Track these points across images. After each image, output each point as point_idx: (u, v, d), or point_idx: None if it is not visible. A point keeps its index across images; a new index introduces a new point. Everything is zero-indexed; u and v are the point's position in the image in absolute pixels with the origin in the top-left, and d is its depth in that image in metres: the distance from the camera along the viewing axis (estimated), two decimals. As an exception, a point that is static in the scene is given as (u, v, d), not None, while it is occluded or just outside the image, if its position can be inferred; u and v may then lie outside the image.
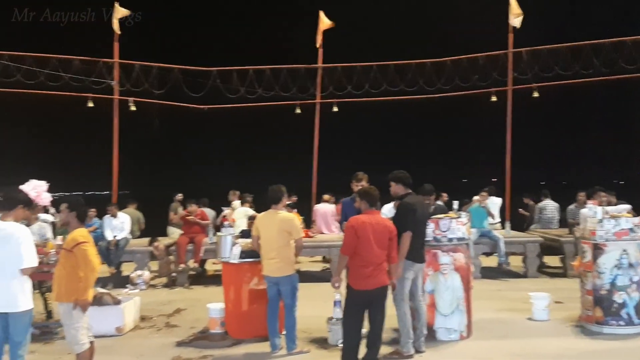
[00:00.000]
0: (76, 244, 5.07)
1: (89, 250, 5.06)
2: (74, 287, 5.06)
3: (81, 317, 5.12)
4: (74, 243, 5.09)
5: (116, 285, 10.62)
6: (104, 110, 14.80)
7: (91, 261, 5.06)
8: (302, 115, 15.68)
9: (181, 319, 8.32)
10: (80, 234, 5.17)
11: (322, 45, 15.16)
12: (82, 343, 5.13)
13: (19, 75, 13.61)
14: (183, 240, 11.27)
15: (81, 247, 5.04)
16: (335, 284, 5.83)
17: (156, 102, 14.91)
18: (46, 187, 10.44)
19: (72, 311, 5.08)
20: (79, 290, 5.08)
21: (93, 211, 11.88)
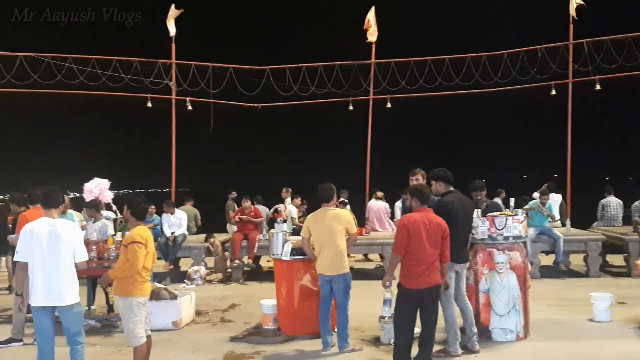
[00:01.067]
0: (132, 241, 5.24)
1: (139, 251, 5.19)
2: (132, 282, 5.23)
3: (139, 312, 5.28)
4: (130, 240, 5.26)
5: (174, 281, 10.91)
6: (163, 110, 15.21)
7: (132, 259, 5.18)
8: (355, 112, 15.62)
9: (235, 314, 8.46)
10: (138, 232, 5.31)
11: (374, 41, 15.05)
12: (139, 337, 5.29)
13: (82, 77, 14.14)
14: (237, 237, 11.46)
15: (134, 246, 5.20)
16: (386, 284, 5.78)
17: (211, 101, 15.19)
18: (108, 184, 10.85)
19: (130, 306, 5.25)
20: (115, 271, 5.32)
21: (152, 208, 12.22)
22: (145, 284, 5.34)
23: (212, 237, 11.81)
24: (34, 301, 5.13)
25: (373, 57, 15.20)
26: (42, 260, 5.10)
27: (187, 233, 11.95)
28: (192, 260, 11.66)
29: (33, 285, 5.11)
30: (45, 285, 5.09)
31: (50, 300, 5.13)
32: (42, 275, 5.09)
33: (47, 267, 5.11)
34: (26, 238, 5.14)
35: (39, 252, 5.10)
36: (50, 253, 5.12)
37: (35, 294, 5.11)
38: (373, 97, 15.32)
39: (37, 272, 5.10)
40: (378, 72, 15.13)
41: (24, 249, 5.13)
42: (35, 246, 5.10)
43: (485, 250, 6.77)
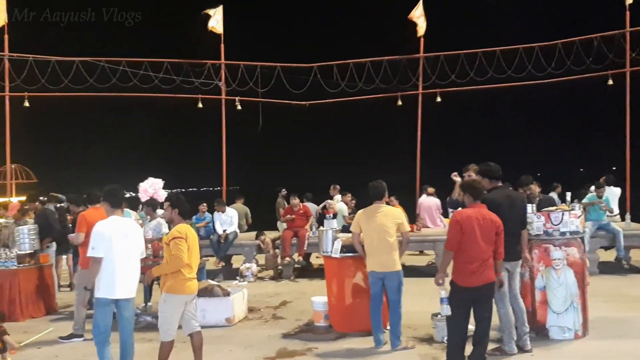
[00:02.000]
0: (172, 238, 5.35)
1: (181, 245, 5.28)
2: (176, 279, 5.36)
3: (176, 309, 5.40)
4: (171, 237, 5.38)
5: (226, 278, 11.09)
6: (213, 110, 15.47)
7: (176, 254, 5.27)
8: (404, 107, 15.49)
9: (287, 311, 8.52)
10: (179, 229, 5.41)
11: (422, 34, 14.87)
12: (170, 333, 5.40)
13: (135, 80, 14.54)
14: (288, 234, 11.54)
15: (175, 241, 5.30)
16: (439, 281, 5.70)
17: (260, 100, 15.35)
18: (162, 184, 11.13)
19: (170, 302, 5.38)
20: (162, 267, 5.45)
21: (204, 206, 12.45)
22: (189, 282, 5.42)
23: (263, 234, 11.94)
24: (108, 294, 5.31)
25: (422, 51, 15.03)
26: (116, 256, 5.31)
27: (238, 231, 12.11)
28: (243, 258, 11.82)
29: (106, 280, 5.30)
30: (119, 279, 5.31)
31: (123, 293, 5.35)
32: (116, 270, 5.30)
33: (119, 263, 5.32)
34: (99, 235, 5.32)
35: (112, 249, 5.29)
36: (121, 249, 5.34)
37: (109, 287, 5.31)
38: (422, 92, 15.15)
39: (110, 267, 5.29)
40: (427, 66, 14.94)
41: (99, 244, 5.29)
42: (108, 242, 5.29)
43: (541, 247, 6.58)
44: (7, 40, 14.35)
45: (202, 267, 8.70)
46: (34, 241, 9.09)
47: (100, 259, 5.29)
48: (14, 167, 15.87)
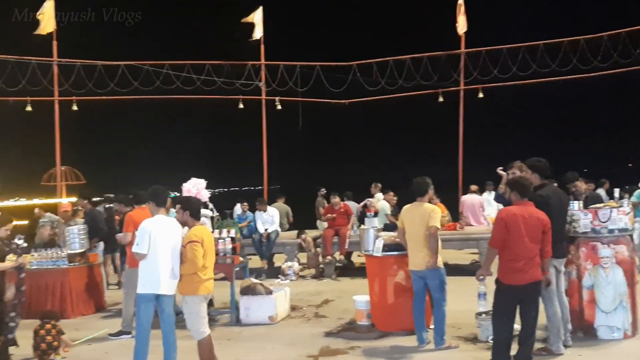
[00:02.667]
0: (188, 241, 5.46)
1: (196, 250, 5.38)
2: (193, 281, 5.48)
3: (199, 308, 5.51)
4: (188, 240, 5.49)
5: (269, 276, 11.19)
6: (253, 110, 15.65)
7: (191, 259, 5.39)
8: (445, 104, 15.34)
9: (329, 310, 8.55)
10: (194, 232, 5.53)
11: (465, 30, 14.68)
12: (202, 331, 5.53)
13: (178, 83, 14.83)
14: (329, 233, 11.57)
15: (191, 245, 5.41)
16: (480, 277, 5.64)
17: (300, 99, 15.43)
18: (204, 184, 11.30)
19: (192, 303, 5.49)
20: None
21: (245, 205, 12.60)
22: (206, 283, 5.54)
23: (304, 233, 12.01)
24: (151, 289, 5.45)
25: (463, 47, 14.83)
26: (159, 253, 5.43)
27: (279, 230, 12.21)
28: (285, 257, 11.91)
29: (149, 276, 5.44)
30: (162, 276, 5.43)
31: (165, 289, 5.47)
32: (159, 267, 5.43)
33: (162, 259, 5.46)
34: (144, 232, 5.45)
35: (156, 246, 5.42)
36: (166, 247, 5.47)
37: (153, 283, 5.44)
38: (464, 88, 14.95)
39: (154, 263, 5.43)
40: (469, 62, 14.74)
41: (144, 242, 5.41)
42: (152, 240, 5.42)
43: (589, 244, 6.42)
44: (56, 46, 14.85)
45: (245, 266, 8.81)
46: (84, 241, 9.37)
47: (144, 255, 5.42)
48: (64, 169, 16.38)
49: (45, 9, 14.56)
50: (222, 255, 7.90)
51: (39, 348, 6.42)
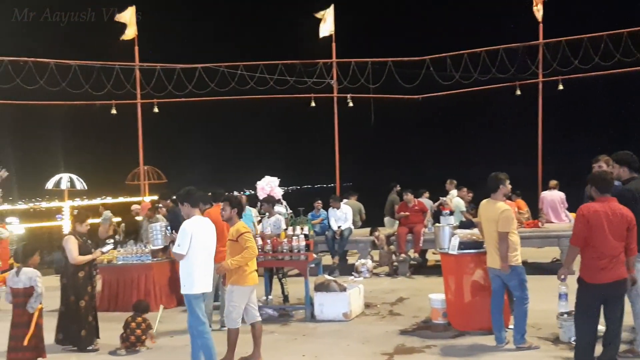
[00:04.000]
0: (240, 234, 5.85)
1: (250, 239, 5.86)
2: (241, 272, 5.82)
3: (240, 299, 5.86)
4: (237, 234, 5.87)
5: (342, 273, 11.23)
6: (325, 108, 15.74)
7: (250, 246, 5.81)
8: (523, 97, 14.83)
9: (404, 308, 8.48)
10: (242, 225, 6.01)
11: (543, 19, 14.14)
12: (235, 320, 5.85)
13: (252, 83, 15.14)
14: (402, 231, 11.47)
15: (244, 236, 5.84)
16: (562, 277, 5.42)
17: (371, 96, 15.38)
18: (278, 182, 11.49)
19: (235, 292, 5.86)
20: (238, 260, 5.82)
21: (319, 203, 12.69)
22: (252, 274, 5.92)
23: (377, 230, 11.95)
24: (198, 289, 5.62)
25: (541, 37, 14.29)
26: (199, 254, 5.61)
27: (352, 227, 12.21)
28: (358, 254, 11.90)
29: (195, 275, 5.60)
30: (199, 275, 5.62)
31: (203, 288, 5.67)
32: (196, 266, 5.60)
33: (205, 259, 5.67)
34: (186, 234, 5.55)
35: (196, 247, 5.58)
36: (205, 247, 5.67)
37: (197, 283, 5.61)
38: (543, 80, 14.40)
39: (198, 263, 5.61)
40: (547, 53, 14.19)
41: (185, 243, 5.56)
42: (194, 241, 5.57)
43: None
44: (137, 51, 15.52)
45: (319, 262, 8.89)
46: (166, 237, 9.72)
47: (182, 256, 5.56)
48: (147, 168, 17.11)
49: (126, 15, 15.25)
50: (296, 252, 8.00)
51: (128, 340, 6.75)
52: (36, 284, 5.59)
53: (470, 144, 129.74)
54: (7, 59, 14.07)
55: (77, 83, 14.57)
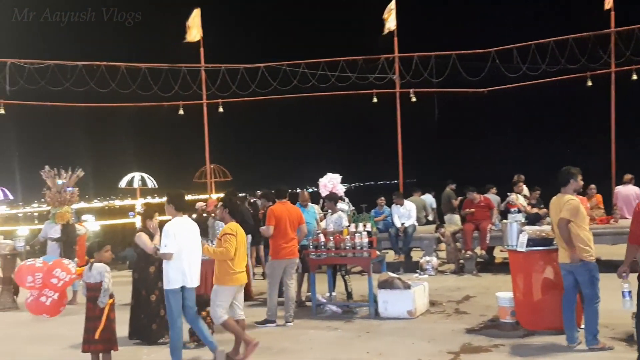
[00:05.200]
0: (224, 234, 6.10)
1: (230, 241, 6.04)
2: (225, 272, 6.08)
3: (223, 298, 6.10)
4: (223, 233, 6.12)
5: (406, 271, 11.13)
6: (387, 104, 15.65)
7: (226, 247, 6.01)
8: (595, 88, 14.23)
9: (470, 306, 8.32)
10: (231, 227, 6.21)
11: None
12: (220, 317, 6.07)
13: (313, 80, 15.23)
14: (469, 227, 11.24)
15: (225, 237, 6.06)
16: (623, 274, 5.18)
17: (435, 90, 15.16)
18: (340, 179, 11.52)
19: (218, 291, 6.11)
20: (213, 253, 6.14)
21: (382, 200, 12.62)
22: (236, 275, 6.11)
23: (443, 227, 11.78)
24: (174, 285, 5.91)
25: (612, 25, 13.65)
26: (184, 252, 5.91)
27: (416, 224, 12.07)
28: (422, 251, 11.76)
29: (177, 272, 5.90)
30: (186, 271, 5.94)
31: (188, 282, 5.99)
32: (185, 263, 5.92)
33: (187, 257, 5.94)
34: (169, 235, 5.88)
35: (181, 245, 5.90)
36: (187, 246, 5.95)
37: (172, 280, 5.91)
38: (615, 70, 13.76)
39: (179, 261, 5.90)
40: (619, 42, 13.54)
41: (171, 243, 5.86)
42: (178, 240, 5.88)
43: None
44: (203, 53, 15.93)
45: (382, 260, 8.84)
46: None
47: (171, 255, 5.84)
48: (213, 167, 17.56)
49: (193, 18, 15.68)
50: (359, 249, 7.99)
51: (195, 334, 6.93)
52: (104, 279, 5.77)
53: (540, 137, 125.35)
54: (81, 63, 14.74)
55: (146, 85, 15.13)
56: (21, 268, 5.58)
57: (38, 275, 5.53)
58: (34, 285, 5.55)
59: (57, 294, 5.56)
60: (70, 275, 5.51)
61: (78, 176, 10.65)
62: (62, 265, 5.51)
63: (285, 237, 7.75)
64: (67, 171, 10.52)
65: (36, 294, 5.51)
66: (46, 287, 5.54)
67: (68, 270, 5.51)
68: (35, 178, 11.22)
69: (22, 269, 5.57)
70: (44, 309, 5.57)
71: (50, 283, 5.49)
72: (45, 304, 5.54)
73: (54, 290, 5.53)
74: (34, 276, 5.55)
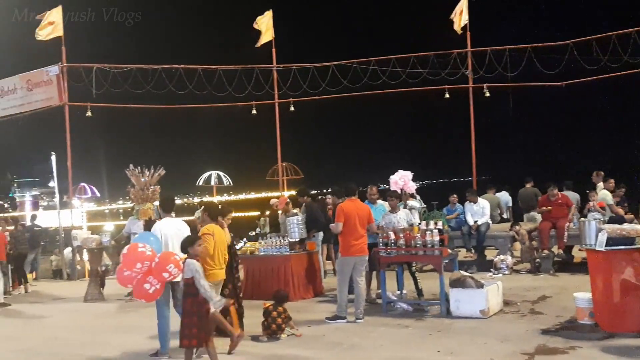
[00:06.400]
0: (202, 234, 6.55)
1: (208, 240, 6.50)
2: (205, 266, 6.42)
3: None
4: (201, 234, 6.58)
5: (480, 269, 10.92)
6: (460, 99, 15.38)
7: (205, 246, 6.33)
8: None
9: (546, 307, 8.08)
10: (208, 228, 6.71)
11: None
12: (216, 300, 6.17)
13: (384, 77, 15.20)
14: (545, 226, 10.89)
15: (205, 236, 6.50)
16: None
17: (510, 85, 14.76)
18: (411, 176, 11.44)
19: None
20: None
21: (454, 197, 12.43)
22: (212, 271, 6.48)
23: (518, 225, 11.47)
24: None
25: None
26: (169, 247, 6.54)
27: (490, 222, 11.82)
28: (497, 250, 11.50)
29: None
30: None
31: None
32: None
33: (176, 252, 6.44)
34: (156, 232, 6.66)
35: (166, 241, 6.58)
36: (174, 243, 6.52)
37: None
38: None
39: None
40: None
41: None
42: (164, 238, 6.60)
43: None
44: (275, 53, 16.25)
45: (454, 258, 8.73)
46: (302, 230, 10.14)
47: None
48: (285, 165, 17.90)
49: (263, 20, 16.05)
50: (430, 247, 7.93)
51: (270, 328, 7.13)
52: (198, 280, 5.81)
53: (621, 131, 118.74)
54: (161, 66, 15.40)
55: (221, 86, 15.62)
56: (131, 252, 5.96)
57: (146, 263, 5.90)
58: (139, 271, 5.92)
59: (160, 284, 5.93)
60: (180, 272, 5.85)
61: (160, 175, 11.16)
62: (176, 262, 5.88)
63: (354, 234, 7.80)
64: (150, 170, 11.04)
65: (140, 277, 5.89)
66: (152, 275, 5.88)
67: (179, 267, 5.86)
68: (120, 177, 11.86)
69: (133, 254, 5.94)
70: (144, 294, 5.94)
71: (160, 275, 5.86)
72: (148, 291, 5.90)
73: (159, 281, 5.89)
74: (143, 264, 5.93)
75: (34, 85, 15.37)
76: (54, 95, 15.02)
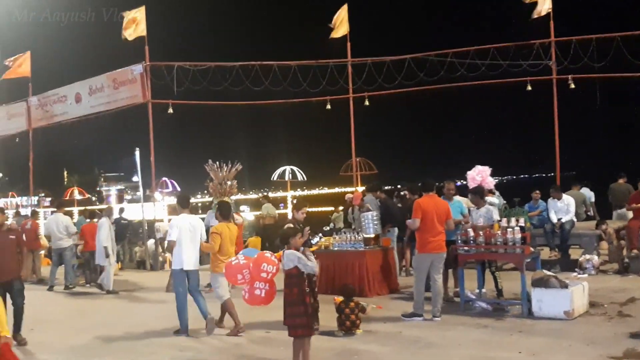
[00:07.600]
0: (212, 233, 7.60)
1: (215, 239, 7.53)
2: (215, 262, 7.57)
3: (218, 281, 7.47)
4: (211, 232, 7.62)
5: (564, 269, 10.48)
6: (543, 92, 14.79)
7: (212, 243, 7.55)
8: None
9: (635, 309, 7.66)
10: (216, 227, 7.65)
11: None
12: (222, 297, 7.50)
13: (462, 70, 14.82)
14: (634, 224, 10.32)
15: (212, 235, 7.57)
16: None
17: (596, 75, 14.02)
18: (490, 171, 11.11)
19: (213, 277, 7.60)
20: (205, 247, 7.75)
21: (537, 193, 11.98)
22: (223, 264, 7.09)
23: (604, 223, 10.93)
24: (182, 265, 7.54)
25: None
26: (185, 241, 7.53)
27: (575, 219, 11.29)
28: (582, 249, 10.99)
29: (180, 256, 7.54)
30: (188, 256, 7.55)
31: (189, 266, 7.57)
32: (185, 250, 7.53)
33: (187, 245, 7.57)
34: (174, 226, 7.63)
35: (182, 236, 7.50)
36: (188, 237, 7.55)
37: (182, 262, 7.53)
38: None
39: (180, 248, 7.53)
40: None
41: (173, 232, 7.54)
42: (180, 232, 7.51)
43: None
44: (349, 47, 16.22)
45: (537, 257, 8.40)
46: (377, 226, 10.08)
47: (174, 242, 7.51)
48: (358, 160, 17.85)
49: (340, 14, 16.06)
50: (511, 245, 7.67)
51: (344, 324, 7.13)
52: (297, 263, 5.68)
53: None
54: (238, 64, 15.73)
55: (296, 82, 15.77)
56: (229, 267, 6.35)
57: (246, 271, 6.14)
58: (244, 281, 6.18)
59: (268, 284, 6.04)
60: (275, 267, 5.97)
61: (237, 170, 11.43)
62: (268, 260, 6.02)
63: (432, 230, 7.66)
64: (227, 165, 11.33)
65: (248, 288, 6.10)
66: (255, 280, 6.05)
67: (273, 262, 5.98)
68: (199, 172, 12.23)
69: (231, 268, 6.30)
70: (260, 300, 6.10)
71: (260, 277, 6.01)
72: (260, 296, 6.07)
73: (264, 282, 6.01)
74: (243, 273, 6.19)
75: (120, 84, 16.09)
76: (138, 93, 15.66)
